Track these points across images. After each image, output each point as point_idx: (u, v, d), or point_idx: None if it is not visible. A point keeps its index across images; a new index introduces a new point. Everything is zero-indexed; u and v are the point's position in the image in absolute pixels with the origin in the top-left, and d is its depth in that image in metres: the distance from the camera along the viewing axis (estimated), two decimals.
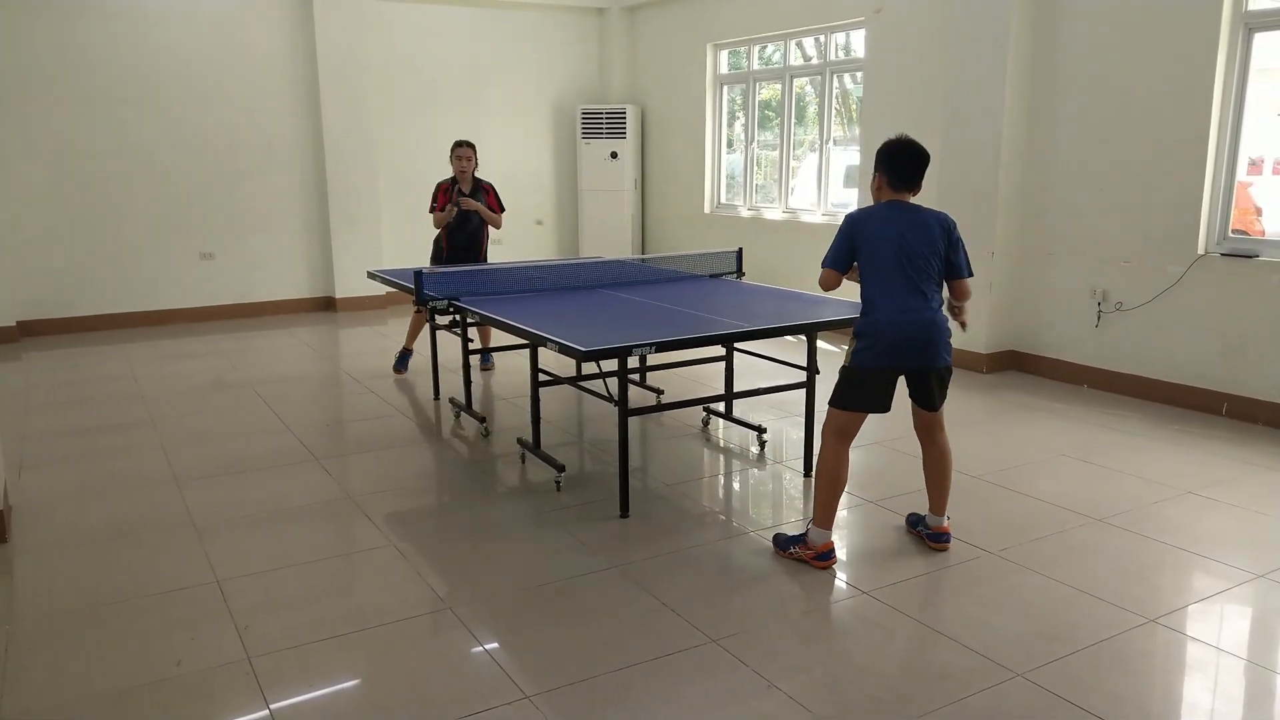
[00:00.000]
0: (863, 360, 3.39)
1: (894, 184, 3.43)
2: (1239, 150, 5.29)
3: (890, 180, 3.43)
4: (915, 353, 3.38)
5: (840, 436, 3.46)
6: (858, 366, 3.40)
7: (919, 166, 3.41)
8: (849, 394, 3.43)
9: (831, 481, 3.46)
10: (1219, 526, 3.81)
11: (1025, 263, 6.34)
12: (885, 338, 3.35)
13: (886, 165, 3.43)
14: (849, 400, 3.43)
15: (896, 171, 3.42)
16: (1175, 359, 5.55)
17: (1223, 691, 2.69)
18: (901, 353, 3.38)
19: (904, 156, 3.41)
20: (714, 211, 9.43)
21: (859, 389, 3.42)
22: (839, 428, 3.46)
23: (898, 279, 3.35)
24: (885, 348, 3.36)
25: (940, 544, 3.58)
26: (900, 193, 3.44)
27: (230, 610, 3.13)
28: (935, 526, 3.61)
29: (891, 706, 2.57)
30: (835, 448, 3.46)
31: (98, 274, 8.08)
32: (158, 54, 8.03)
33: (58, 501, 4.16)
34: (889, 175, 3.43)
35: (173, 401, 5.81)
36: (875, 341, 3.36)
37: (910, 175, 3.41)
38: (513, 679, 2.71)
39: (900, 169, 3.41)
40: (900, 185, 3.43)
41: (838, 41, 8.05)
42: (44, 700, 2.64)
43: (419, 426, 5.34)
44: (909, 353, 3.38)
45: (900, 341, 3.35)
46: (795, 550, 3.49)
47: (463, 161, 6.15)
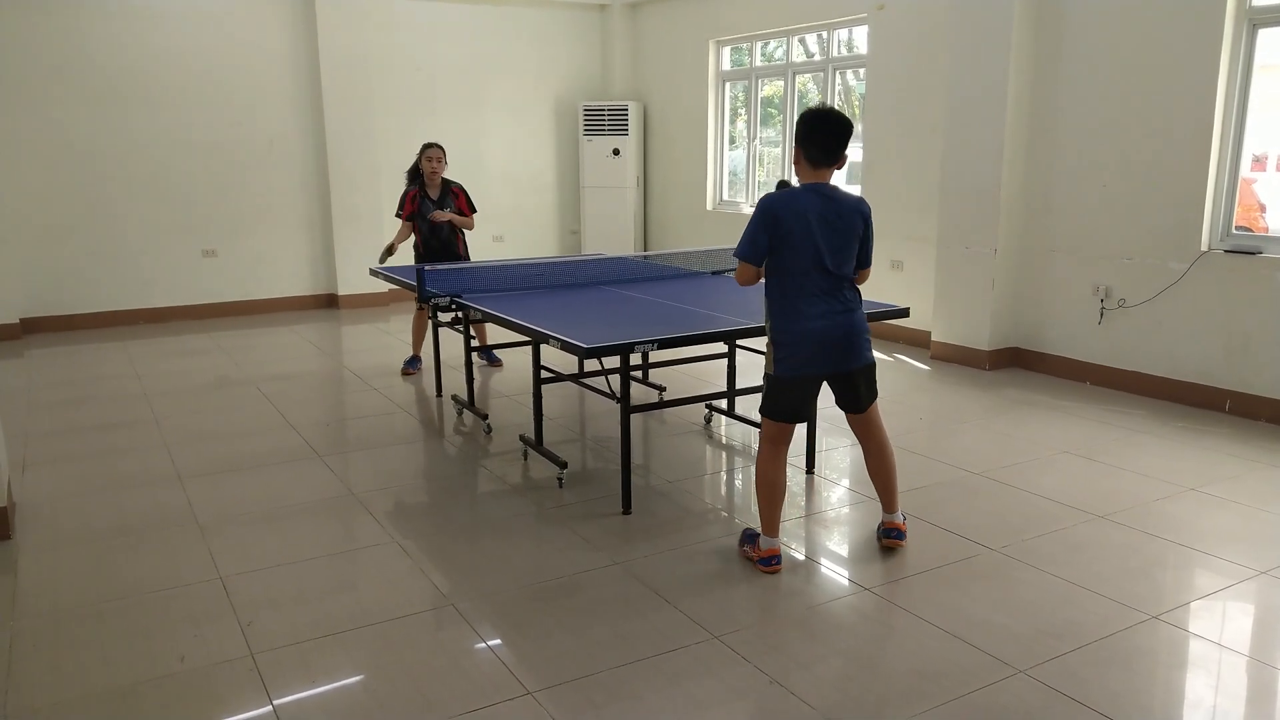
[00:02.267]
0: (784, 370, 3.24)
1: (814, 159, 3.15)
2: (1242, 146, 5.27)
3: (809, 154, 3.14)
4: (838, 356, 3.24)
5: (774, 444, 3.35)
6: (780, 376, 3.27)
7: (842, 140, 3.12)
8: (775, 403, 3.31)
9: (770, 490, 3.34)
10: (1221, 523, 3.81)
11: (1027, 259, 6.33)
12: (806, 344, 3.20)
13: (806, 138, 3.13)
14: (776, 410, 3.31)
15: (817, 145, 3.12)
16: (1178, 356, 5.54)
17: (1225, 688, 2.69)
18: (823, 358, 3.23)
19: (825, 128, 3.11)
20: (716, 208, 9.42)
21: (783, 398, 3.29)
22: (771, 435, 3.35)
23: (817, 276, 3.16)
24: (807, 355, 3.21)
25: (892, 540, 3.51)
26: (820, 170, 3.17)
27: (233, 607, 3.13)
28: (888, 522, 3.53)
29: (893, 703, 2.58)
30: (770, 455, 3.35)
31: (100, 271, 8.09)
32: (160, 52, 8.03)
33: (61, 499, 4.17)
34: (808, 150, 3.14)
35: (175, 399, 5.82)
36: (795, 350, 3.21)
37: (833, 150, 3.12)
38: (515, 675, 2.71)
39: (821, 142, 3.12)
40: (821, 161, 3.14)
41: (840, 38, 8.04)
42: (48, 697, 2.65)
43: (421, 423, 5.35)
44: (831, 357, 3.24)
45: (821, 348, 3.20)
46: (746, 548, 3.44)
47: (433, 163, 6.06)
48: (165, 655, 2.84)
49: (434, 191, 6.14)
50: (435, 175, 6.11)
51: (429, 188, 6.13)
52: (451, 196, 6.18)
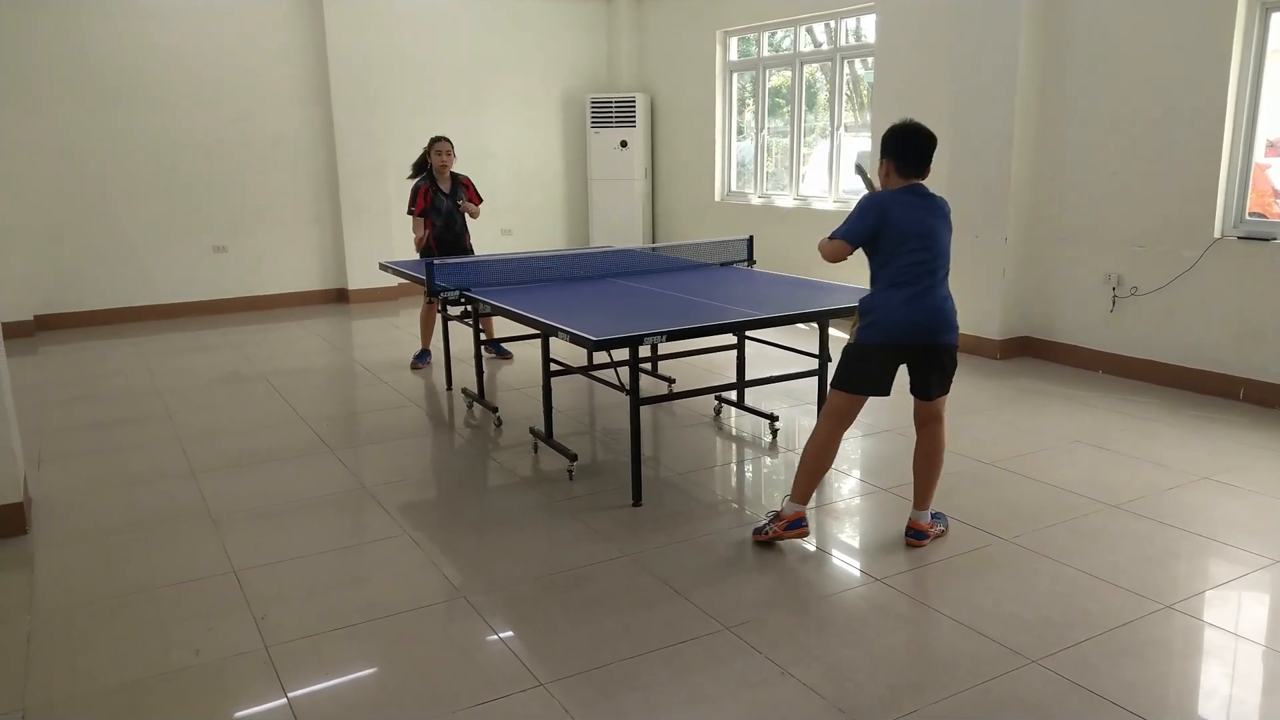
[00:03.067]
0: (868, 336, 3.33)
1: (904, 170, 3.34)
2: (1256, 132, 5.23)
3: (900, 167, 3.34)
4: (922, 330, 3.32)
5: (837, 419, 3.41)
6: (863, 343, 3.34)
7: (929, 151, 3.33)
8: (852, 374, 3.37)
9: (816, 462, 3.41)
10: (1235, 512, 3.78)
11: (1038, 248, 6.29)
12: (894, 315, 3.29)
13: (896, 151, 3.33)
14: (851, 381, 3.37)
15: (908, 158, 3.32)
16: (1191, 344, 5.50)
17: (1240, 677, 2.67)
18: (908, 329, 3.31)
19: (914, 142, 3.31)
20: (724, 199, 9.40)
21: (862, 367, 3.35)
22: (838, 409, 3.40)
23: (917, 268, 3.29)
24: (892, 324, 3.30)
25: (913, 539, 3.49)
26: (909, 179, 3.35)
27: (247, 600, 3.15)
28: (914, 522, 3.51)
29: (905, 693, 2.57)
30: (829, 430, 3.41)
31: (112, 268, 8.13)
32: (168, 50, 8.05)
33: (76, 494, 4.20)
34: (899, 161, 3.33)
35: (187, 394, 5.84)
36: (882, 317, 3.31)
37: (921, 161, 3.33)
38: (527, 667, 2.72)
39: (911, 155, 3.32)
40: (910, 171, 3.34)
41: (848, 27, 8.00)
42: (65, 690, 2.67)
43: (432, 417, 5.36)
44: (915, 330, 3.32)
45: (908, 320, 3.30)
46: (770, 528, 3.45)
47: (443, 156, 6.06)
48: (180, 649, 2.86)
49: (445, 185, 6.15)
50: (445, 169, 6.11)
51: (440, 181, 6.14)
52: (461, 188, 6.20)
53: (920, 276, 3.31)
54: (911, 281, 3.31)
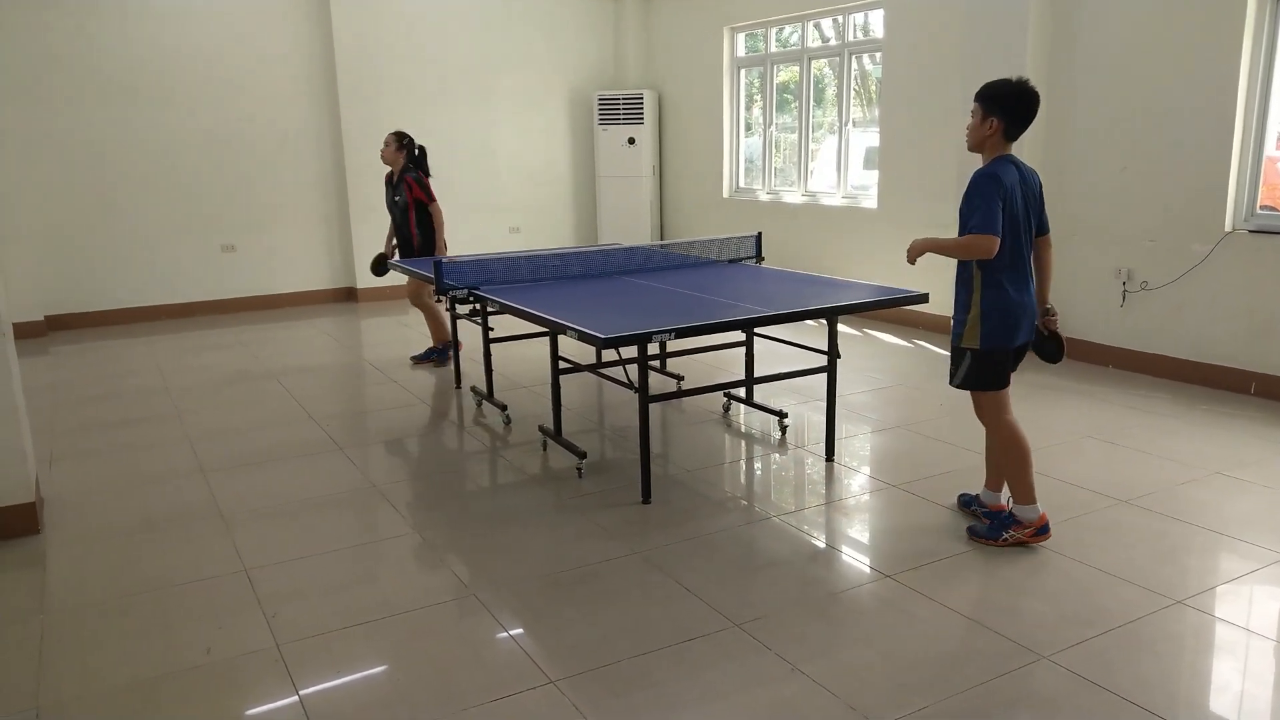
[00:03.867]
0: (991, 343, 3.26)
1: (1010, 132, 3.20)
2: (1267, 125, 5.19)
3: (1008, 128, 3.19)
4: (1030, 326, 3.34)
5: (1003, 409, 3.39)
6: (988, 350, 3.27)
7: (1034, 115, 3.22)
8: (986, 375, 3.32)
9: (1019, 455, 3.38)
10: (1248, 507, 3.76)
11: None
12: (1013, 314, 3.25)
13: (1009, 110, 3.16)
14: (989, 381, 3.34)
15: (1019, 118, 3.17)
16: (1202, 338, 5.47)
17: (1252, 673, 2.66)
18: (1027, 328, 3.31)
19: (1029, 102, 3.17)
20: (733, 195, 9.39)
21: (994, 368, 3.32)
22: (999, 403, 3.38)
23: (1023, 247, 3.24)
24: (1014, 324, 3.26)
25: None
26: (1008, 145, 3.24)
27: (258, 598, 3.16)
28: (990, 504, 3.59)
29: (916, 690, 2.57)
30: (1008, 423, 3.39)
31: (121, 268, 8.17)
32: (177, 49, 8.08)
33: (88, 493, 4.22)
34: (1009, 122, 3.17)
35: (197, 393, 5.87)
36: (1004, 318, 3.23)
37: (1028, 123, 3.22)
38: (537, 664, 2.73)
39: (1023, 116, 3.18)
40: (1016, 135, 3.22)
41: (856, 22, 7.97)
42: (77, 689, 2.68)
43: (441, 415, 5.37)
44: (1029, 326, 3.32)
45: (1027, 318, 3.29)
46: (1010, 534, 3.40)
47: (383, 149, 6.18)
48: (191, 647, 2.87)
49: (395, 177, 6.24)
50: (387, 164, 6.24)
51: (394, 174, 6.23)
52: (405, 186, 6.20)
53: (1026, 262, 3.26)
54: (1020, 270, 3.24)
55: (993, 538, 3.43)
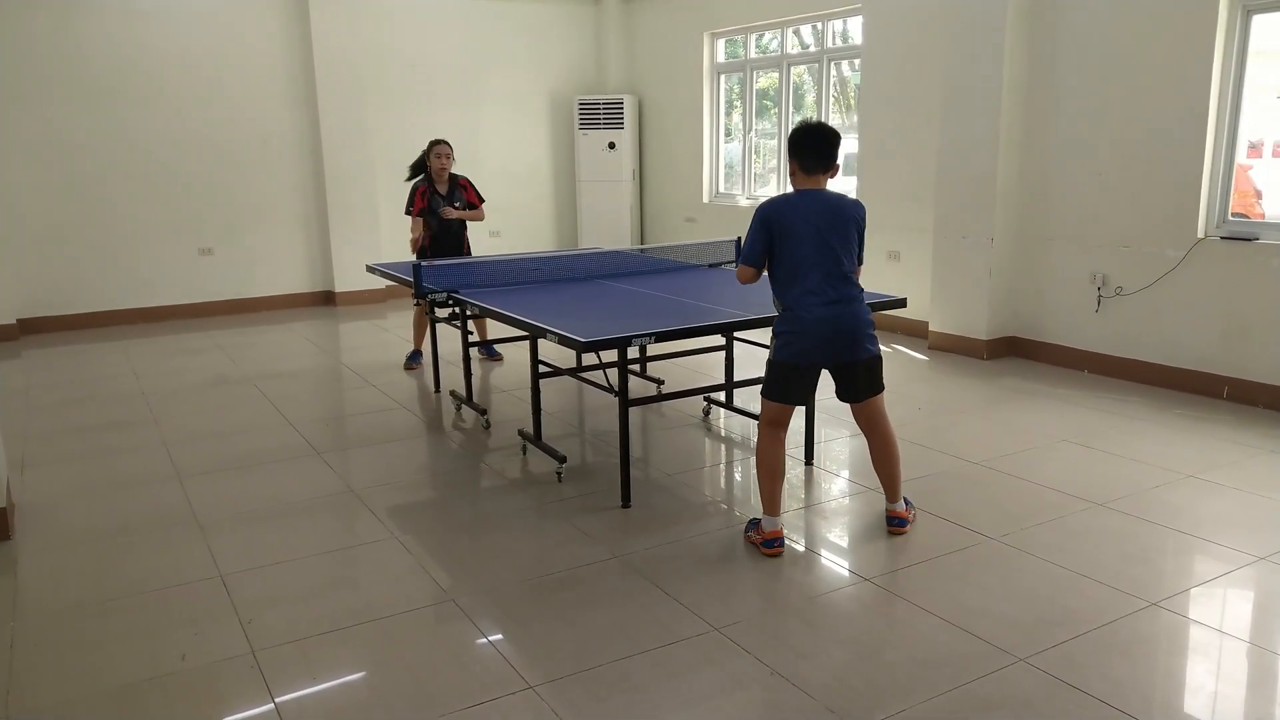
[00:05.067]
0: (785, 356, 3.36)
1: (806, 168, 3.37)
2: (1238, 133, 5.27)
3: (802, 165, 3.37)
4: (839, 348, 3.36)
5: (772, 425, 3.46)
6: (779, 361, 3.38)
7: (830, 149, 3.35)
8: (775, 387, 3.42)
9: (769, 469, 3.45)
10: (1220, 510, 3.81)
11: (1024, 248, 6.33)
12: (808, 335, 3.31)
13: (796, 150, 3.37)
14: (776, 393, 3.42)
15: (807, 156, 3.35)
16: (1176, 343, 5.54)
17: (1225, 674, 2.69)
18: (825, 349, 3.35)
19: (813, 140, 3.35)
20: (713, 200, 9.42)
21: (784, 383, 3.40)
22: (770, 418, 3.46)
23: (817, 272, 3.29)
24: (809, 345, 3.33)
25: (896, 528, 3.59)
26: (814, 176, 3.37)
27: (234, 604, 3.13)
28: (892, 512, 3.62)
29: (894, 692, 2.58)
30: (769, 437, 3.45)
31: (97, 271, 8.08)
32: (154, 50, 8.01)
33: (60, 499, 4.16)
34: (800, 160, 3.37)
35: (174, 398, 5.81)
36: (797, 338, 3.32)
37: (824, 157, 3.35)
38: (516, 669, 2.72)
39: (810, 153, 3.35)
40: (814, 169, 3.36)
41: (835, 29, 8.02)
42: (49, 697, 2.65)
43: (420, 420, 5.35)
44: (832, 349, 3.35)
45: (823, 338, 3.32)
46: (751, 535, 3.51)
47: (442, 159, 6.10)
48: (166, 654, 2.84)
49: (443, 187, 6.18)
50: (444, 171, 6.15)
51: (438, 183, 6.17)
52: (460, 190, 6.22)
53: (823, 287, 3.30)
54: (814, 294, 3.31)
55: (746, 533, 3.56)
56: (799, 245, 3.30)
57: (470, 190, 6.28)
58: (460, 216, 6.15)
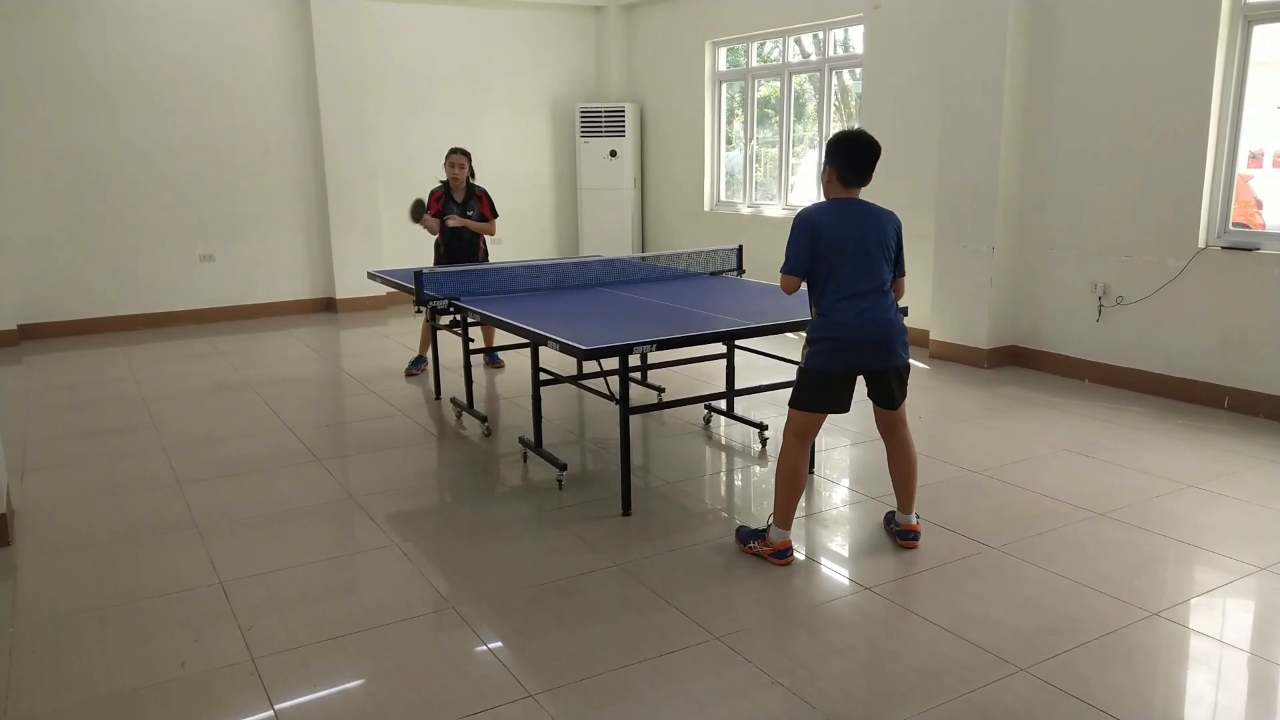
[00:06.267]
0: (821, 363, 3.32)
1: (845, 179, 3.33)
2: (1239, 143, 5.28)
3: (841, 175, 3.33)
4: (874, 354, 3.33)
5: (801, 437, 3.42)
6: (816, 369, 3.34)
7: (872, 160, 3.31)
8: (809, 396, 3.37)
9: (792, 482, 3.41)
10: (1221, 520, 3.81)
11: (1025, 257, 6.33)
12: (844, 340, 3.28)
13: (840, 158, 3.32)
14: (809, 402, 3.38)
15: (852, 165, 3.31)
16: (1176, 352, 5.54)
17: (1226, 685, 2.69)
18: (860, 354, 3.32)
19: (858, 149, 3.29)
20: (714, 209, 9.43)
21: (819, 391, 3.36)
22: (799, 429, 3.41)
23: (858, 282, 3.27)
24: (844, 349, 3.29)
25: (908, 541, 3.55)
26: (851, 189, 3.35)
27: (234, 611, 3.13)
28: (904, 524, 3.58)
29: (895, 701, 2.58)
30: (796, 448, 3.41)
31: (97, 277, 8.09)
32: (156, 56, 8.03)
33: (61, 504, 4.16)
34: (840, 170, 3.32)
35: (174, 403, 5.81)
36: (834, 344, 3.29)
37: (864, 169, 3.32)
38: (516, 677, 2.71)
39: (854, 163, 3.30)
40: (853, 180, 3.33)
41: (836, 38, 8.04)
42: (48, 703, 2.64)
43: (421, 427, 5.34)
44: (868, 354, 3.32)
45: (859, 343, 3.29)
46: (754, 545, 3.48)
47: (455, 169, 6.18)
48: (165, 660, 2.83)
49: (459, 195, 6.25)
50: (458, 180, 6.22)
51: (454, 191, 6.24)
52: (476, 200, 6.28)
53: (862, 297, 3.28)
54: (853, 302, 3.28)
55: (744, 542, 3.52)
56: (841, 256, 3.27)
57: (485, 202, 6.32)
58: (462, 225, 6.17)
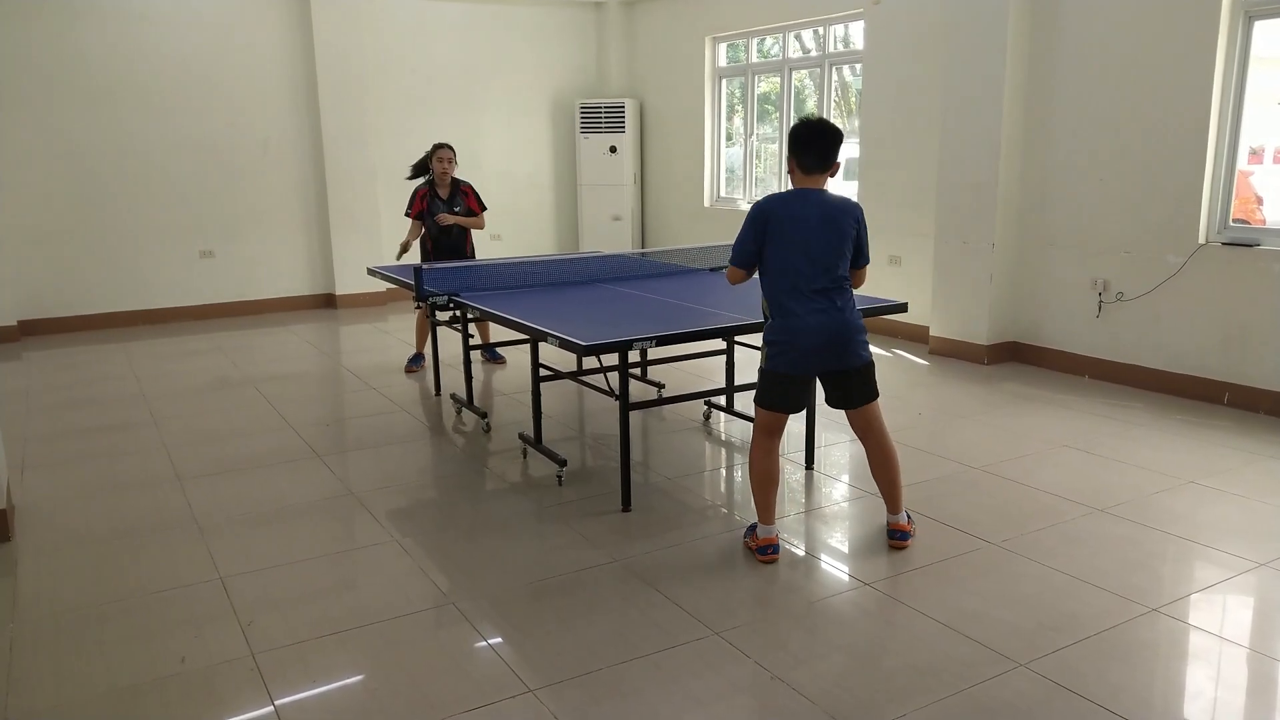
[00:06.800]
0: (777, 366, 3.30)
1: (805, 166, 3.28)
2: (1239, 139, 5.27)
3: (801, 162, 3.28)
4: (831, 356, 3.30)
5: (766, 433, 3.42)
6: (769, 370, 3.33)
7: (829, 146, 3.25)
8: (769, 396, 3.37)
9: (763, 478, 3.42)
10: (1221, 516, 3.81)
11: (1025, 254, 6.33)
12: (799, 343, 3.25)
13: (796, 148, 3.28)
14: (770, 402, 3.37)
15: (807, 154, 3.26)
16: (1176, 349, 5.54)
17: (1225, 680, 2.69)
18: (817, 358, 3.29)
19: (813, 137, 3.25)
20: (714, 205, 9.42)
21: (776, 391, 3.35)
22: (764, 425, 3.42)
23: (807, 277, 3.22)
24: (800, 354, 3.26)
25: (898, 541, 3.52)
26: (812, 176, 3.29)
27: (234, 607, 3.13)
28: (893, 524, 3.56)
29: (893, 697, 2.58)
30: (761, 444, 3.42)
31: (98, 273, 8.09)
32: (156, 54, 8.03)
33: (61, 501, 4.17)
34: (801, 157, 3.28)
35: (174, 400, 5.81)
36: (788, 348, 3.26)
37: (822, 155, 3.26)
38: (516, 673, 2.71)
39: (810, 151, 3.25)
40: (812, 168, 3.28)
41: (836, 33, 8.03)
42: (48, 699, 2.65)
43: (420, 423, 5.35)
44: (824, 357, 3.29)
45: (814, 347, 3.25)
46: (747, 540, 3.51)
47: (444, 164, 6.10)
48: (166, 656, 2.84)
49: (444, 191, 6.18)
50: (446, 175, 6.15)
51: (439, 187, 6.18)
52: (461, 196, 6.22)
53: (815, 292, 3.23)
54: (806, 300, 3.23)
55: (745, 538, 3.55)
56: (791, 248, 3.22)
57: (471, 197, 6.27)
58: (455, 223, 6.14)
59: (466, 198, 6.24)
